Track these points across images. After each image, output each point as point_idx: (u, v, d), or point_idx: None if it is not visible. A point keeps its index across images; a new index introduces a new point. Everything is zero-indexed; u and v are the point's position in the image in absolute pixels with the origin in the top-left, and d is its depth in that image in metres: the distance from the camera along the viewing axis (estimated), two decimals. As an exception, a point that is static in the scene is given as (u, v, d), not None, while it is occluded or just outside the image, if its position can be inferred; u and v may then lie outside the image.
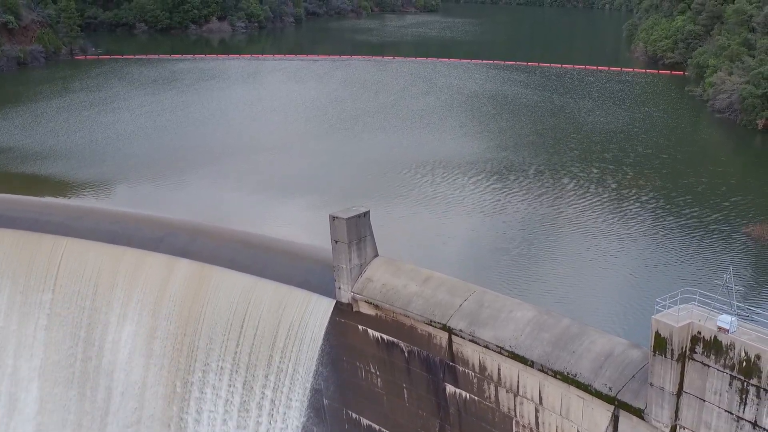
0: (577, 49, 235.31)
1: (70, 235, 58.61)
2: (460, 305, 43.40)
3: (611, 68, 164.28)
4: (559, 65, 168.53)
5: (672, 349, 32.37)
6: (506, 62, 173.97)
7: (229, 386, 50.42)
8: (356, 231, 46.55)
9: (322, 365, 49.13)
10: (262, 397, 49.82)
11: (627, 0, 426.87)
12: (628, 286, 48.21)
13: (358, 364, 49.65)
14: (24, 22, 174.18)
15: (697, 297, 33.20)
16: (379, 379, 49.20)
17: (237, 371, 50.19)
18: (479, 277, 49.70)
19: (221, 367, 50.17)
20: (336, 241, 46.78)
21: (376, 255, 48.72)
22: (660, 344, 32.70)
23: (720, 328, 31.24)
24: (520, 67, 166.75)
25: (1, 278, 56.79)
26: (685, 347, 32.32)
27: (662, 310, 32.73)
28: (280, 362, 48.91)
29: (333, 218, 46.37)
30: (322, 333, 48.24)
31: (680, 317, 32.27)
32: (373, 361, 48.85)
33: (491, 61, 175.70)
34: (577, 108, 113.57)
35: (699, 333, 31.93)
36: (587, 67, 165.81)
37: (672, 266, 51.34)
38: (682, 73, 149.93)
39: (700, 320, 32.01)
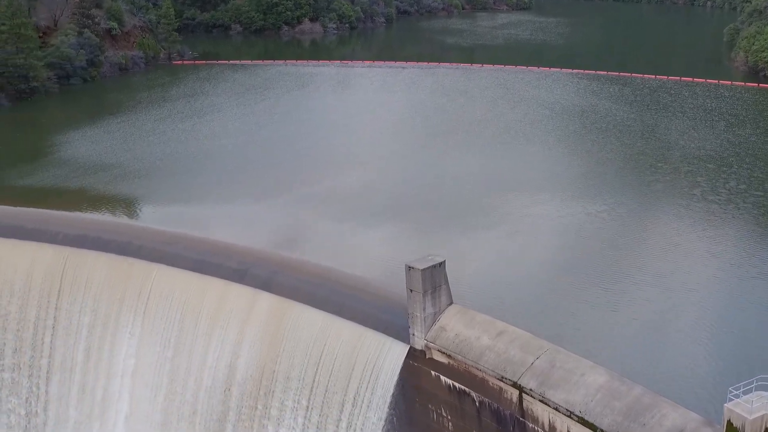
0: (673, 56, 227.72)
1: (160, 261, 61.68)
2: (532, 363, 43.65)
3: (708, 80, 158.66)
4: (653, 76, 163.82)
5: (744, 440, 31.91)
6: (597, 72, 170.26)
7: (305, 421, 52.10)
8: (431, 281, 47.36)
9: (395, 405, 50.19)
10: (336, 433, 51.34)
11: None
12: (705, 353, 47.00)
13: (430, 406, 50.56)
14: (126, 27, 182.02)
15: (774, 385, 32.56)
16: (450, 424, 49.97)
17: (312, 407, 51.85)
18: (549, 323, 49.72)
19: (297, 404, 51.92)
20: (411, 290, 47.72)
21: (451, 303, 49.44)
22: (732, 434, 32.28)
23: (796, 424, 30.60)
24: (612, 78, 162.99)
25: (98, 303, 60.32)
26: (759, 439, 31.79)
27: (735, 399, 32.26)
28: (354, 401, 50.28)
29: (409, 268, 47.28)
30: (396, 377, 49.38)
31: (754, 408, 31.72)
32: (445, 406, 49.65)
33: (582, 71, 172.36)
34: (668, 129, 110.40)
35: (773, 426, 31.36)
36: (683, 78, 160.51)
37: (756, 333, 49.45)
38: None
39: (775, 413, 31.42)
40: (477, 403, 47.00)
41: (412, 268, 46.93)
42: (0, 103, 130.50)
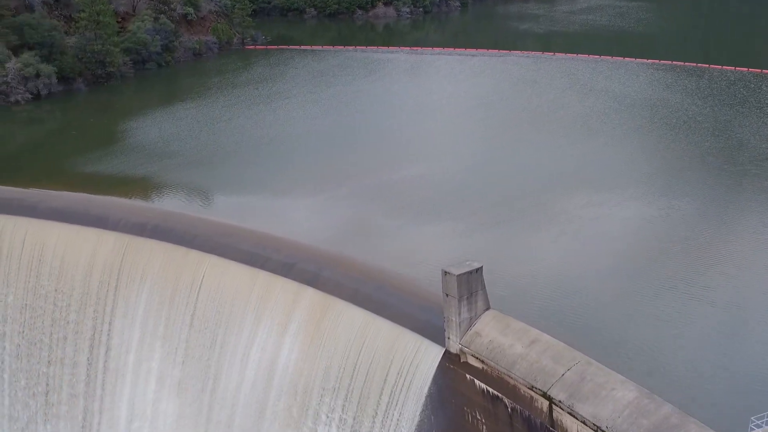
0: (757, 46, 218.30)
1: (213, 252, 63.72)
2: (563, 375, 43.56)
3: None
4: (732, 68, 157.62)
5: (764, 471, 31.30)
6: (674, 62, 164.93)
7: (342, 415, 53.31)
8: (467, 286, 47.60)
9: (430, 406, 50.84)
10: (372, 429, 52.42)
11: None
12: (743, 376, 45.66)
13: (465, 408, 50.98)
14: (202, 13, 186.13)
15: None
16: (484, 427, 50.27)
17: (349, 401, 53.02)
18: (586, 334, 49.24)
19: (334, 398, 53.15)
20: (447, 295, 48.10)
21: (488, 308, 49.57)
22: (752, 464, 31.69)
23: (818, 459, 29.84)
24: (688, 69, 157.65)
25: (153, 291, 62.87)
26: (779, 471, 31.13)
27: (756, 429, 31.58)
28: (389, 400, 51.19)
29: (444, 273, 47.64)
30: (431, 378, 50.06)
31: (776, 440, 31.10)
32: (479, 409, 49.97)
33: (657, 61, 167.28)
34: (741, 127, 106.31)
35: (795, 459, 30.65)
36: (764, 71, 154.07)
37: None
38: None
39: (797, 446, 30.69)
40: (509, 410, 47.19)
41: (448, 273, 47.28)
42: (77, 88, 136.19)
